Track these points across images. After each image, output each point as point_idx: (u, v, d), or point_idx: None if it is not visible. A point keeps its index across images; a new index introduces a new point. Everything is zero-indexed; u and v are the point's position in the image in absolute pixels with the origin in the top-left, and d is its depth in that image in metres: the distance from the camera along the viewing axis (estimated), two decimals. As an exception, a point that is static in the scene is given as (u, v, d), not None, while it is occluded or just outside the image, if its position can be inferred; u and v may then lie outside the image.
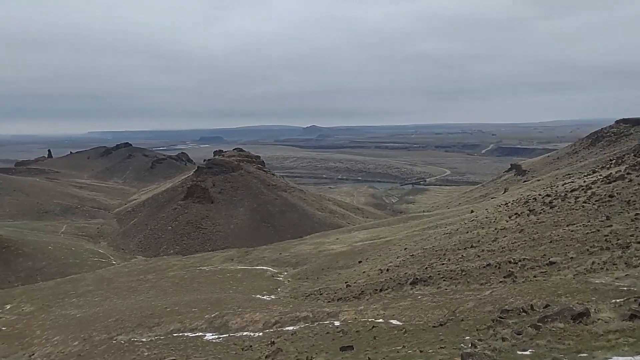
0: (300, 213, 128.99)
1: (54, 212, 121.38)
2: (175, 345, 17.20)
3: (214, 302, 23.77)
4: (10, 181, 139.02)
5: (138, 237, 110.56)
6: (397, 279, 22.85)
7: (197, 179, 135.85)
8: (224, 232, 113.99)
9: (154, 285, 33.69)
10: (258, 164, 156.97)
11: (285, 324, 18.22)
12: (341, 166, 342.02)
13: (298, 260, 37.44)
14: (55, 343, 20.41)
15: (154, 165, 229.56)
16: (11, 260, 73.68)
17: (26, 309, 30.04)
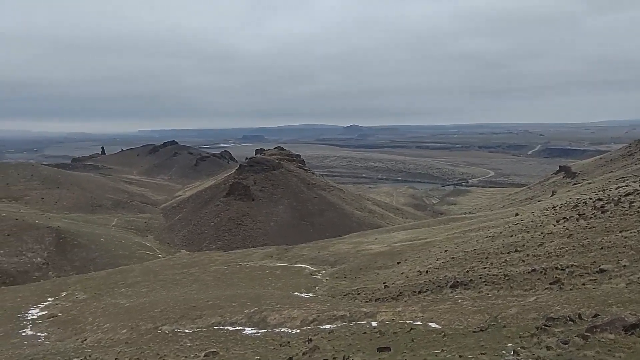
0: (339, 212, 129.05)
1: (106, 206, 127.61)
2: (216, 338, 17.73)
3: (254, 297, 24.29)
4: (67, 176, 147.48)
5: (182, 232, 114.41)
6: (437, 281, 22.46)
7: (239, 177, 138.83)
8: (264, 229, 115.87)
9: (196, 278, 34.80)
10: (298, 163, 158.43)
11: (323, 322, 18.36)
12: (381, 166, 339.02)
13: (336, 259, 37.53)
14: (105, 330, 21.52)
15: (198, 162, 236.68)
16: (67, 250, 78.27)
17: (80, 296, 31.83)
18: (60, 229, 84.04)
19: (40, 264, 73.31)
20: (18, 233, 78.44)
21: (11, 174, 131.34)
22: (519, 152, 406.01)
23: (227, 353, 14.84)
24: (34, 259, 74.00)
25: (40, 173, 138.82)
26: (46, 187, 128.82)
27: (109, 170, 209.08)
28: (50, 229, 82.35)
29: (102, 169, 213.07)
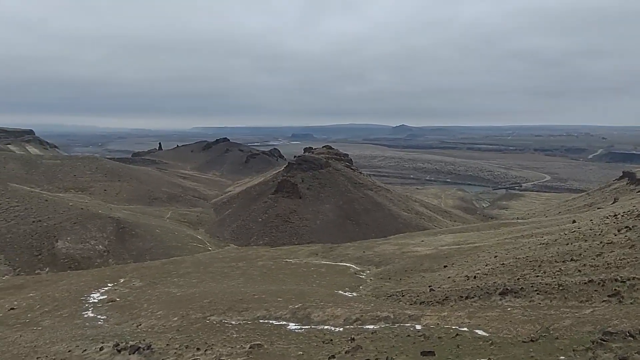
0: (386, 212, 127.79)
1: (162, 199, 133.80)
2: (261, 331, 18.21)
3: (298, 293, 24.68)
4: (128, 170, 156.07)
5: (231, 227, 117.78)
6: (485, 287, 21.81)
7: (287, 175, 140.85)
8: (310, 227, 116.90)
9: (244, 272, 35.81)
10: (346, 162, 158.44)
11: (366, 322, 18.38)
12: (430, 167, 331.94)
13: (381, 260, 37.29)
14: (158, 316, 22.67)
15: (248, 159, 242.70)
16: (126, 240, 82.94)
17: (136, 283, 33.67)
18: (120, 219, 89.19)
19: (102, 252, 78.21)
20: (83, 222, 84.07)
21: (78, 167, 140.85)
22: (579, 156, 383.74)
23: (271, 346, 15.22)
24: (96, 246, 79.06)
25: (104, 166, 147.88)
26: (109, 179, 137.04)
27: (165, 165, 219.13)
28: (111, 219, 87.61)
29: (159, 163, 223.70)
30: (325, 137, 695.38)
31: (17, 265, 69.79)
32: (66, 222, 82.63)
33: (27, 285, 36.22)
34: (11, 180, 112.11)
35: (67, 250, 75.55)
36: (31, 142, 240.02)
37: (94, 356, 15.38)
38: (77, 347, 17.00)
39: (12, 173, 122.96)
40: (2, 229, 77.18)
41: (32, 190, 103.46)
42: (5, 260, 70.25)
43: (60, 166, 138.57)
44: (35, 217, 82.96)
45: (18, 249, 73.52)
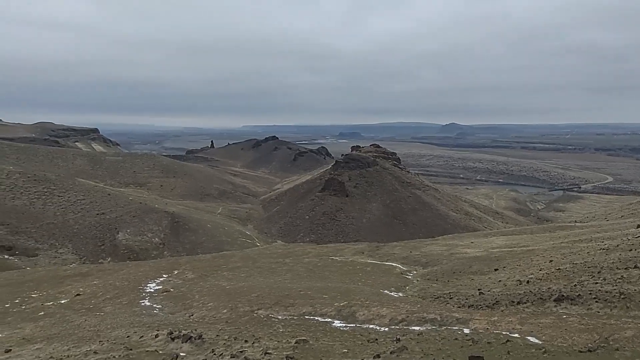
0: (434, 212, 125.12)
1: (213, 195, 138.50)
2: (307, 327, 18.49)
3: (344, 291, 24.80)
4: (182, 167, 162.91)
5: (279, 224, 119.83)
6: (539, 293, 20.92)
7: (334, 173, 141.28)
8: (357, 226, 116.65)
9: (290, 268, 36.41)
10: (393, 161, 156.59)
11: (412, 323, 18.21)
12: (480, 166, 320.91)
13: (428, 261, 36.63)
14: (209, 308, 23.58)
15: (296, 157, 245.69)
16: (180, 233, 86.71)
17: (189, 276, 35.15)
18: (175, 213, 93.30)
19: (158, 244, 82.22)
20: (141, 215, 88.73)
21: (137, 163, 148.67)
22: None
23: (316, 342, 15.44)
24: (153, 239, 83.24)
25: (160, 163, 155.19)
26: (164, 175, 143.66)
27: (216, 163, 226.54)
28: (166, 213, 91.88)
29: (211, 160, 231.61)
30: (373, 135, 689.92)
31: (83, 254, 74.92)
32: (126, 215, 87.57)
33: (91, 273, 38.78)
34: (78, 175, 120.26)
35: (127, 241, 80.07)
36: (96, 140, 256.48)
37: (150, 342, 16.26)
38: (135, 333, 18.04)
39: (80, 169, 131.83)
40: (70, 220, 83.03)
41: (97, 185, 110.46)
42: (73, 249, 75.59)
43: (122, 163, 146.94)
44: (99, 210, 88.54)
45: (84, 239, 78.84)
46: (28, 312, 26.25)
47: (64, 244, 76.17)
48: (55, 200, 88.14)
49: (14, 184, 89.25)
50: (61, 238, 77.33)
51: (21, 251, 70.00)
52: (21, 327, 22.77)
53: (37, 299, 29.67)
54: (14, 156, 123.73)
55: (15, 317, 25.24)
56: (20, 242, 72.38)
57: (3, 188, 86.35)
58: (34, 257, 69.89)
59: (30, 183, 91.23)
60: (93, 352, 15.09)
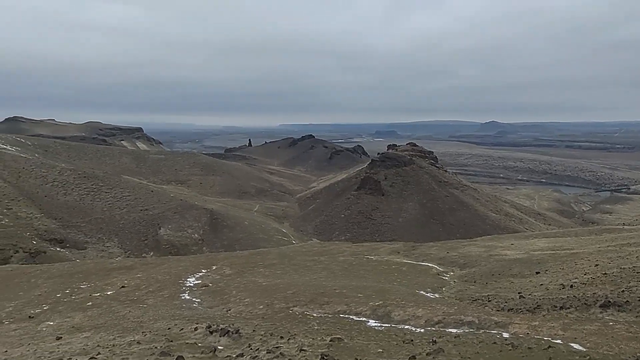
0: (472, 213, 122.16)
1: (251, 193, 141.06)
2: (341, 325, 18.56)
3: (379, 291, 24.70)
4: (221, 165, 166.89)
5: (315, 222, 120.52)
6: (583, 298, 20.07)
7: (370, 171, 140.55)
8: (392, 225, 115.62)
9: (325, 267, 36.59)
10: (430, 160, 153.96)
11: (449, 325, 17.92)
12: (522, 166, 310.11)
13: (466, 262, 35.83)
14: (245, 303, 24.08)
15: (332, 156, 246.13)
16: (218, 230, 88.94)
17: (227, 271, 35.99)
18: (214, 210, 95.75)
19: (197, 240, 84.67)
20: (182, 212, 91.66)
21: (178, 161, 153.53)
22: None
23: (351, 341, 15.48)
24: (192, 234, 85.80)
25: (200, 161, 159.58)
26: (204, 173, 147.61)
27: (254, 161, 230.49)
28: (206, 210, 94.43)
29: (249, 159, 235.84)
30: (410, 134, 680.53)
31: (128, 248, 78.25)
32: (168, 211, 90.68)
33: (135, 266, 40.43)
34: (124, 172, 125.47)
35: (168, 237, 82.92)
36: (140, 139, 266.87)
37: (189, 335, 16.81)
38: (176, 326, 18.69)
39: (125, 166, 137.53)
40: (116, 215, 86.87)
41: (141, 182, 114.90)
42: (119, 243, 79.10)
43: (164, 160, 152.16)
44: (142, 206, 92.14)
45: (128, 234, 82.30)
46: (77, 302, 27.71)
47: (110, 238, 79.80)
48: (102, 197, 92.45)
49: (66, 180, 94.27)
50: (108, 232, 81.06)
51: (72, 244, 73.91)
52: (71, 316, 24.08)
53: (85, 290, 31.26)
54: (65, 154, 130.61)
55: (66, 307, 26.71)
56: (71, 235, 76.41)
57: (56, 184, 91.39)
58: (83, 250, 73.66)
59: (80, 180, 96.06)
60: (136, 342, 15.76)
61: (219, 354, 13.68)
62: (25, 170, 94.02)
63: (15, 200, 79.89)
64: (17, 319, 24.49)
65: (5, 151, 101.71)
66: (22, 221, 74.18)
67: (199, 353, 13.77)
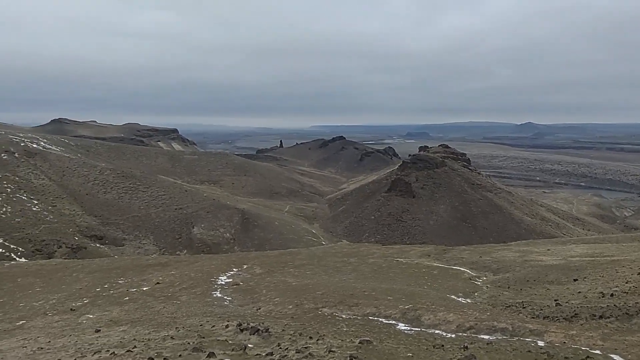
0: (506, 216, 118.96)
1: (281, 193, 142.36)
2: (370, 328, 18.49)
3: (409, 294, 24.46)
4: (253, 165, 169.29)
5: (344, 223, 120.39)
6: (625, 307, 19.23)
7: (401, 173, 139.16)
8: (423, 227, 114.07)
9: (355, 268, 36.51)
10: (463, 162, 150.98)
11: (481, 331, 17.56)
12: (559, 169, 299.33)
13: (499, 267, 34.95)
14: (275, 303, 24.35)
15: (363, 157, 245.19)
16: (249, 230, 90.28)
17: (257, 270, 36.49)
18: (245, 210, 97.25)
19: (229, 239, 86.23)
20: (214, 211, 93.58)
21: (212, 162, 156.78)
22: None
23: (380, 344, 15.40)
24: (224, 233, 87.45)
25: (232, 162, 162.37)
26: (236, 174, 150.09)
27: (285, 162, 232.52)
28: (237, 210, 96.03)
29: (280, 160, 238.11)
30: (442, 135, 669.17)
31: (162, 246, 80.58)
32: (201, 210, 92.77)
33: (169, 263, 41.58)
34: (160, 172, 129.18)
35: (201, 235, 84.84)
36: (175, 140, 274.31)
37: (220, 332, 17.16)
38: (207, 322, 19.12)
39: (161, 166, 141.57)
40: (152, 214, 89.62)
41: (175, 182, 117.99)
42: (154, 240, 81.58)
43: (198, 161, 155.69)
44: (177, 205, 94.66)
45: (163, 232, 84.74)
46: (115, 297, 28.77)
47: (146, 235, 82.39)
48: (139, 195, 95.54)
49: (106, 179, 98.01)
50: (144, 230, 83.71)
51: (110, 240, 76.79)
52: (109, 310, 25.04)
53: (123, 285, 32.40)
54: (106, 154, 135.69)
55: (105, 301, 27.79)
56: (110, 232, 79.37)
57: (97, 183, 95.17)
58: (121, 246, 76.39)
59: (119, 179, 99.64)
60: (170, 337, 16.23)
61: (249, 352, 13.90)
62: (68, 169, 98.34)
63: (60, 198, 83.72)
64: (59, 311, 25.68)
65: (50, 151, 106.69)
66: (65, 218, 77.66)
67: (229, 350, 14.04)
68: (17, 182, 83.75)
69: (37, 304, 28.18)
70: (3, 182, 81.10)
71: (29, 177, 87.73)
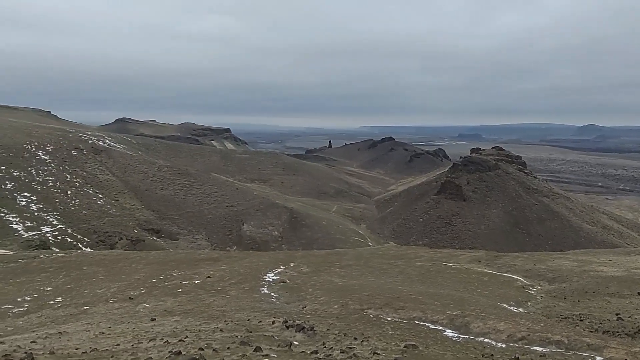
0: (563, 223, 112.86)
1: (329, 193, 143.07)
2: (416, 332, 18.24)
3: (457, 300, 23.88)
4: (301, 165, 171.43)
5: (392, 225, 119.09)
6: (697, 327, 17.77)
7: (451, 176, 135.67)
8: (473, 232, 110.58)
9: (402, 271, 36.08)
10: (518, 165, 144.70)
11: (533, 342, 16.86)
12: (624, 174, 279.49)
13: (555, 276, 33.25)
14: (321, 302, 24.58)
15: (412, 159, 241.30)
16: (297, 229, 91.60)
17: (304, 269, 36.95)
18: (294, 209, 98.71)
19: (277, 237, 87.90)
20: (264, 210, 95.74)
21: (262, 161, 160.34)
22: None
23: (426, 349, 15.18)
24: (273, 232, 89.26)
25: (282, 161, 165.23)
26: (286, 173, 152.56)
27: (333, 162, 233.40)
28: (286, 209, 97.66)
29: (329, 160, 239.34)
30: (495, 137, 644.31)
31: (214, 241, 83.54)
32: (251, 208, 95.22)
33: (220, 259, 43.01)
34: (213, 170, 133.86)
35: (250, 232, 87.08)
36: (228, 139, 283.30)
37: (267, 327, 17.59)
38: (255, 318, 19.65)
39: (214, 165, 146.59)
40: (205, 210, 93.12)
41: (227, 180, 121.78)
42: (206, 236, 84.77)
43: (249, 160, 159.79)
44: (228, 202, 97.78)
45: (215, 228, 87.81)
46: (169, 288, 30.20)
47: (199, 231, 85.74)
48: (194, 192, 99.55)
49: (163, 176, 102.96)
50: (197, 226, 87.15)
51: (166, 234, 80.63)
52: (164, 300, 26.34)
53: (176, 278, 33.94)
54: (164, 152, 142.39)
55: (160, 291, 29.25)
56: (166, 226, 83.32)
57: (155, 180, 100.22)
58: (175, 240, 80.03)
59: (175, 176, 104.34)
60: (220, 330, 16.85)
61: (294, 349, 14.16)
62: (130, 166, 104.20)
63: (122, 193, 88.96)
64: (119, 299, 27.35)
65: (114, 149, 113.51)
66: (126, 212, 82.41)
67: (275, 346, 14.38)
68: (85, 177, 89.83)
69: (100, 292, 30.15)
70: (73, 177, 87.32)
71: (95, 172, 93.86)
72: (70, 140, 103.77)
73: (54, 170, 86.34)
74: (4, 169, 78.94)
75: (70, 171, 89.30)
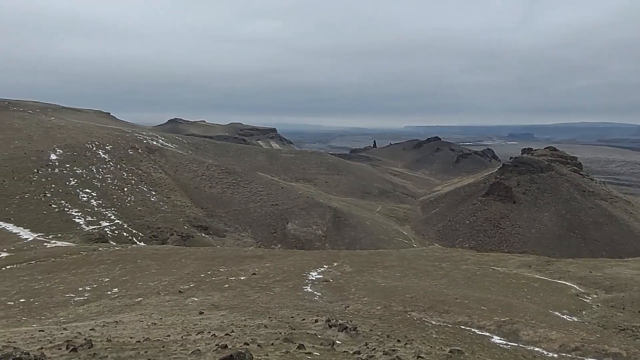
0: (623, 228, 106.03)
1: (373, 193, 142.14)
2: (462, 337, 17.82)
3: (505, 306, 23.10)
4: (346, 165, 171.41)
5: (437, 226, 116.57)
6: None
7: (500, 177, 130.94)
8: (523, 236, 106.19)
9: (446, 274, 35.31)
10: (573, 166, 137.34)
11: (588, 353, 16.06)
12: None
13: (613, 284, 31.36)
14: (364, 302, 24.55)
15: (459, 159, 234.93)
16: (340, 228, 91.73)
17: (347, 269, 37.01)
18: (337, 209, 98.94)
19: (321, 236, 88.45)
20: (308, 209, 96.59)
21: (307, 161, 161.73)
22: None
23: (472, 355, 14.81)
24: (317, 231, 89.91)
25: (326, 161, 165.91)
26: (330, 172, 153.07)
27: (378, 162, 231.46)
28: (330, 208, 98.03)
29: (373, 160, 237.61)
30: (548, 137, 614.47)
31: (259, 239, 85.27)
32: (295, 207, 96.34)
33: (265, 256, 43.91)
34: (258, 169, 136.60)
35: (295, 231, 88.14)
36: (274, 139, 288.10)
37: (310, 326, 17.79)
38: (298, 315, 19.92)
39: (260, 164, 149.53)
40: (250, 208, 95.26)
41: (273, 179, 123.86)
42: (252, 233, 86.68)
43: (294, 159, 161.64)
44: (273, 201, 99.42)
45: (260, 226, 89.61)
46: (217, 283, 31.21)
47: (245, 228, 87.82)
48: (240, 191, 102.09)
49: (212, 175, 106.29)
50: (243, 223, 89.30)
51: (214, 231, 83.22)
52: (211, 295, 27.26)
53: (223, 273, 35.00)
54: (212, 151, 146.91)
55: (208, 286, 30.29)
56: (214, 223, 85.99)
57: (204, 178, 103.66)
58: (223, 237, 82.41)
59: (223, 175, 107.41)
60: (264, 326, 17.24)
61: (337, 349, 14.23)
62: (181, 165, 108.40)
63: (173, 191, 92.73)
64: (170, 292, 28.58)
65: (167, 148, 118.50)
66: (177, 209, 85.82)
67: (318, 344, 14.51)
68: (140, 175, 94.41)
69: (152, 284, 31.63)
70: (129, 175, 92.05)
71: (149, 170, 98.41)
72: (127, 140, 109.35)
73: (112, 169, 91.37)
74: (68, 166, 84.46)
75: (127, 169, 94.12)
